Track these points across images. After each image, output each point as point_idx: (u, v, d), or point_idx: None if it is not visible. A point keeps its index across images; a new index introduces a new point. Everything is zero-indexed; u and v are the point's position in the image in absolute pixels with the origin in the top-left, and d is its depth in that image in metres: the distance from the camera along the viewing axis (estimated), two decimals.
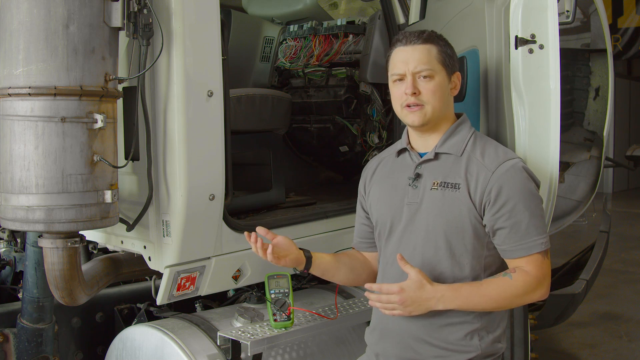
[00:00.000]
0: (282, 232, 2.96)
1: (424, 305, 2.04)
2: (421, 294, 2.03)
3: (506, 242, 2.08)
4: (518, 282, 2.06)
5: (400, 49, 2.18)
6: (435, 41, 2.17)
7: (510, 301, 2.10)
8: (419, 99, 2.12)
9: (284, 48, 4.14)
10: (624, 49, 13.26)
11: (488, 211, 2.08)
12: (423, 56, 2.14)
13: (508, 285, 2.06)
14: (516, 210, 2.06)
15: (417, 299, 2.03)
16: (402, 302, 2.03)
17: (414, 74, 2.13)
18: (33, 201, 2.20)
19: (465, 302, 2.06)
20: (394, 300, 2.03)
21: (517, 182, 2.08)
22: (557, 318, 3.95)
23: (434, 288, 2.04)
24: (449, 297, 2.05)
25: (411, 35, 2.17)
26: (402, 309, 2.04)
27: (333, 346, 2.89)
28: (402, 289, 2.02)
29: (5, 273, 3.39)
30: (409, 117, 2.16)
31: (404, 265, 2.04)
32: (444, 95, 2.17)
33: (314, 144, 4.15)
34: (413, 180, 2.18)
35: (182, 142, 2.44)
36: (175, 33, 2.39)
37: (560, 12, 2.44)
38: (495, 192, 2.06)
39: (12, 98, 2.19)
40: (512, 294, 2.07)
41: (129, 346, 2.75)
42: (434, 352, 2.13)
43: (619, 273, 7.34)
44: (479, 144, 2.18)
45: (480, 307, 2.09)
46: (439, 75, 2.15)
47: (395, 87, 2.18)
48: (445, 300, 2.05)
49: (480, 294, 2.06)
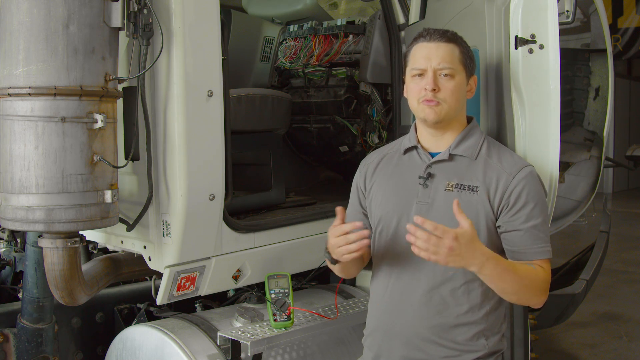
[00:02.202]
0: (282, 232, 2.97)
1: (466, 260, 1.92)
2: (471, 249, 1.91)
3: (519, 244, 2.10)
4: (539, 274, 2.08)
5: (423, 45, 2.17)
6: (458, 42, 2.19)
7: (529, 290, 2.06)
8: (437, 96, 2.12)
9: (284, 48, 4.14)
10: (624, 49, 13.26)
11: (505, 214, 2.10)
12: (446, 54, 2.14)
13: (534, 273, 2.07)
14: (532, 214, 2.08)
15: (466, 252, 1.90)
16: (451, 250, 1.87)
17: (435, 70, 2.13)
18: (33, 201, 2.20)
19: (501, 274, 1.99)
20: (445, 244, 1.87)
21: (535, 188, 2.12)
22: (557, 318, 3.94)
23: (482, 249, 1.95)
24: (491, 264, 1.95)
25: (435, 32, 2.17)
26: (444, 257, 1.88)
27: (333, 346, 2.89)
28: (457, 236, 1.88)
29: (5, 273, 3.39)
30: (424, 112, 2.15)
31: (459, 214, 1.92)
32: (461, 97, 2.18)
33: (314, 144, 4.15)
34: (425, 179, 2.18)
35: (182, 142, 2.44)
36: (175, 33, 2.39)
37: (560, 12, 2.44)
38: (515, 196, 2.09)
39: (12, 98, 2.19)
40: (532, 283, 2.06)
41: (129, 346, 2.75)
42: (443, 352, 2.14)
43: (619, 273, 7.34)
44: (494, 150, 2.20)
45: (507, 286, 2.03)
46: (459, 75, 2.15)
47: (414, 82, 2.17)
48: (486, 266, 1.94)
49: (514, 272, 2.02)
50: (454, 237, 1.87)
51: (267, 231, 2.90)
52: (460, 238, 1.88)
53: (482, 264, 1.94)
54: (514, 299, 2.13)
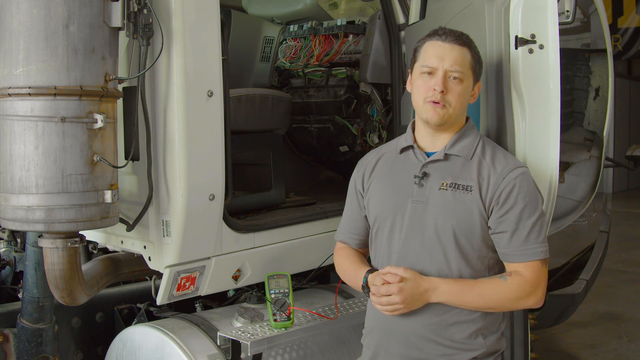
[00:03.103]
0: (282, 232, 2.97)
1: (422, 298, 2.09)
2: (418, 287, 2.07)
3: (507, 246, 2.10)
4: (512, 285, 2.08)
5: (436, 43, 2.16)
6: (470, 46, 2.19)
7: (502, 304, 2.12)
8: (444, 99, 2.12)
9: (284, 48, 4.14)
10: (624, 49, 13.25)
11: (494, 214, 2.10)
12: (459, 57, 2.14)
13: (502, 287, 2.09)
14: (521, 216, 2.08)
15: (415, 293, 2.07)
16: (404, 301, 2.06)
17: (446, 72, 2.12)
18: (33, 201, 2.20)
19: (459, 297, 2.09)
20: (395, 301, 2.07)
21: (525, 189, 2.11)
22: (557, 318, 3.94)
23: (429, 280, 2.09)
24: (444, 289, 2.08)
25: (451, 33, 2.16)
26: (404, 307, 2.08)
27: (333, 346, 2.89)
28: (401, 288, 2.06)
29: (5, 273, 3.39)
30: (429, 113, 2.14)
31: (392, 270, 2.09)
32: (466, 101, 2.19)
33: (314, 144, 4.15)
34: (420, 179, 2.18)
35: (182, 142, 2.44)
36: (175, 33, 2.39)
37: (560, 12, 2.44)
38: (504, 197, 2.09)
39: (12, 98, 2.19)
40: (504, 296, 2.09)
41: (129, 346, 2.75)
42: (440, 350, 2.14)
43: (619, 273, 7.33)
44: (488, 149, 2.20)
45: (472, 305, 2.11)
46: (467, 80, 2.15)
47: (422, 79, 2.16)
48: (439, 293, 2.09)
49: (474, 291, 2.08)
50: (399, 291, 2.06)
51: (267, 231, 2.90)
52: (404, 287, 2.06)
53: (434, 291, 2.08)
54: (494, 311, 2.16)
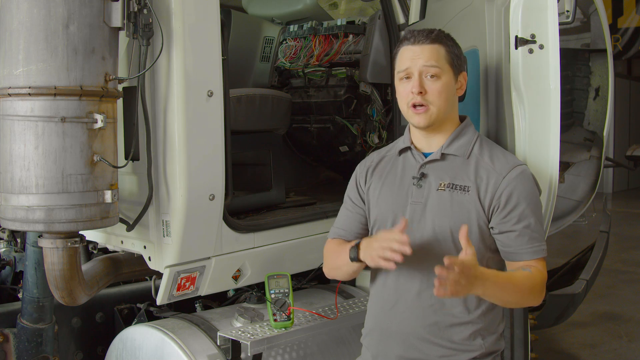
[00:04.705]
0: (282, 232, 2.97)
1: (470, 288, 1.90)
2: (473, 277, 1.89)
3: (513, 244, 2.10)
4: (536, 277, 2.06)
5: (408, 48, 2.17)
6: (443, 41, 2.17)
7: (529, 296, 2.06)
8: (425, 99, 2.12)
9: (284, 48, 4.14)
10: (624, 49, 13.25)
11: (497, 215, 2.10)
12: (431, 55, 2.13)
13: (531, 278, 2.05)
14: (524, 214, 2.08)
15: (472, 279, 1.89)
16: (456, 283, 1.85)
17: (420, 72, 2.13)
18: (33, 201, 2.20)
19: (503, 289, 2.00)
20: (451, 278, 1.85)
21: (526, 188, 2.11)
22: (557, 318, 3.95)
23: (482, 271, 1.94)
24: (490, 283, 1.95)
25: (420, 34, 2.16)
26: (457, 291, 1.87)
27: (333, 346, 2.89)
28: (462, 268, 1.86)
29: (5, 273, 3.39)
30: (414, 118, 2.16)
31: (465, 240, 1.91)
32: (450, 96, 2.17)
33: (314, 144, 4.15)
34: (418, 179, 2.18)
35: (182, 142, 2.44)
36: (175, 33, 2.39)
37: (560, 12, 2.44)
38: (505, 196, 2.09)
39: (12, 98, 2.19)
40: (531, 289, 2.05)
41: (129, 346, 2.75)
42: (439, 351, 2.14)
43: (619, 273, 7.33)
44: (486, 148, 2.20)
45: (510, 298, 2.06)
46: (446, 75, 2.14)
47: (402, 85, 2.18)
48: (486, 286, 1.94)
49: (513, 283, 2.03)
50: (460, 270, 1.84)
51: (267, 231, 2.90)
52: (464, 268, 1.85)
53: (483, 287, 1.93)
54: (513, 306, 2.14)
